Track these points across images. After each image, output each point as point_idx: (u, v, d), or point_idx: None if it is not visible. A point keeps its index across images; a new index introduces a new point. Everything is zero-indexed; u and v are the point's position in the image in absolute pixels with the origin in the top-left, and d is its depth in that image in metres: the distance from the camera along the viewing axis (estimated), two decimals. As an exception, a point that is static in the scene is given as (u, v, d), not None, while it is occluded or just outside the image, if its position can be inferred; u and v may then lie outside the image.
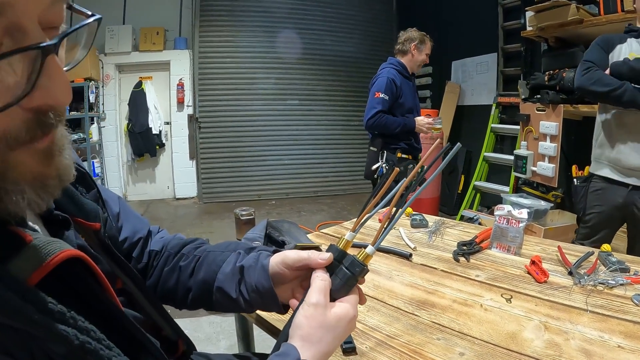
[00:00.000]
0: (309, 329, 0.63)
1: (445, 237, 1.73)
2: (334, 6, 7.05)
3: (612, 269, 1.30)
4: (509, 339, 0.96)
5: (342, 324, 0.65)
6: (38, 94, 0.40)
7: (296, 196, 7.04)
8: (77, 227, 0.61)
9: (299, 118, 7.10)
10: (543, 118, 3.72)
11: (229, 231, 4.98)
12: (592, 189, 2.37)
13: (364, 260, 0.69)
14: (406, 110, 3.25)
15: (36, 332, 0.41)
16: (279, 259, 0.74)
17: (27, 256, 0.46)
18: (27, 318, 0.41)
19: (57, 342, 0.43)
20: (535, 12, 3.84)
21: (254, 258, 0.77)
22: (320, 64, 7.09)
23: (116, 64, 6.55)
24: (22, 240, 0.47)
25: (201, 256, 0.83)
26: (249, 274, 0.75)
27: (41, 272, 0.45)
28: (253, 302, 0.76)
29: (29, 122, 0.41)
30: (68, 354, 0.43)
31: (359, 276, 0.69)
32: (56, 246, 0.48)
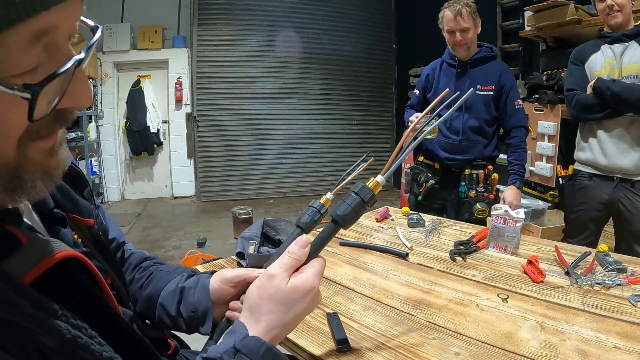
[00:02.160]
0: (258, 299, 0.62)
1: (442, 237, 1.73)
2: (332, 5, 7.04)
3: (609, 269, 1.30)
4: (505, 339, 0.95)
5: (297, 295, 0.62)
6: (66, 99, 0.45)
7: (294, 195, 7.03)
8: (71, 223, 0.64)
9: (297, 117, 7.10)
10: (541, 118, 3.72)
11: (227, 230, 4.98)
12: (578, 187, 2.39)
13: (373, 188, 0.68)
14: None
15: (29, 325, 0.43)
16: (218, 277, 0.80)
17: (22, 256, 0.48)
18: (20, 311, 0.42)
19: (49, 335, 0.44)
20: (533, 12, 3.84)
21: (194, 280, 0.83)
22: (318, 63, 7.08)
23: (114, 62, 6.53)
24: (18, 240, 0.49)
25: (153, 273, 0.88)
26: (189, 294, 0.80)
27: (36, 271, 0.47)
28: (192, 321, 0.79)
29: (51, 119, 0.45)
30: (59, 347, 0.44)
31: (368, 203, 0.68)
32: (53, 246, 0.51)
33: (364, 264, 1.46)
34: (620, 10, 2.12)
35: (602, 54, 2.22)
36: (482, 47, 2.56)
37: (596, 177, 2.29)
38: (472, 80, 2.49)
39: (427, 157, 2.69)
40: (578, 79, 2.30)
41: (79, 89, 0.46)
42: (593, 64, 2.25)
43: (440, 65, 2.65)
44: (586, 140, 2.33)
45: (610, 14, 2.15)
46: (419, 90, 2.74)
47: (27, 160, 0.46)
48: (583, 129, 2.37)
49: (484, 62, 2.52)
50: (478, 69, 2.51)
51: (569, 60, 2.39)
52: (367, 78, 7.23)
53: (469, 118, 2.52)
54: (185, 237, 4.94)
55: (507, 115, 2.54)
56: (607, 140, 2.20)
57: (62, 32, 0.43)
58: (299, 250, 0.65)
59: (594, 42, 2.30)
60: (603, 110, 2.15)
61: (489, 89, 2.50)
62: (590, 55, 2.27)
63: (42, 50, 0.41)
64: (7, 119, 0.41)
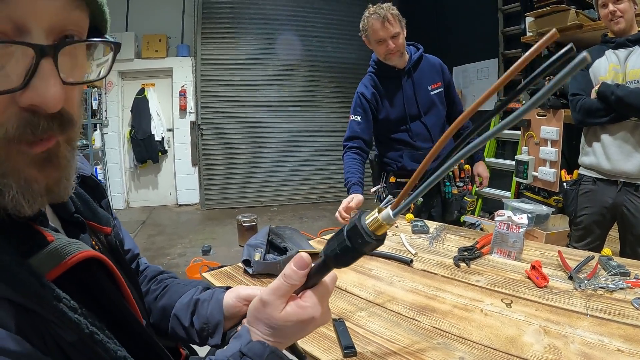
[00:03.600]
0: (254, 319, 0.61)
1: (447, 243, 1.74)
2: (334, 13, 7.09)
3: (612, 273, 1.31)
4: (509, 344, 0.97)
5: (292, 324, 0.59)
6: (29, 93, 0.42)
7: (298, 202, 7.05)
8: (89, 230, 0.65)
9: (300, 124, 7.13)
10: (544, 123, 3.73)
11: (232, 237, 4.99)
12: (582, 191, 2.41)
13: (375, 230, 0.52)
14: (394, 123, 2.44)
15: (51, 317, 0.44)
16: (233, 293, 0.80)
17: (47, 253, 0.49)
18: (44, 303, 0.44)
19: (68, 329, 0.45)
20: (535, 18, 3.86)
21: (209, 293, 0.83)
22: (321, 70, 7.12)
23: (119, 71, 6.60)
24: (44, 239, 0.50)
25: (168, 285, 0.89)
26: (203, 306, 0.80)
27: (59, 269, 0.49)
28: (203, 333, 0.80)
29: (20, 119, 0.42)
30: (77, 341, 0.46)
31: (362, 248, 0.54)
32: (76, 247, 0.52)
33: (369, 270, 1.47)
34: (623, 16, 2.14)
35: (607, 59, 2.24)
36: (409, 47, 2.45)
37: (600, 182, 2.30)
38: (420, 84, 2.41)
39: (400, 175, 2.50)
40: (582, 84, 2.31)
41: (44, 84, 0.42)
42: (597, 69, 2.27)
43: (376, 82, 2.46)
44: (590, 144, 2.34)
45: (613, 20, 2.17)
46: (359, 115, 2.40)
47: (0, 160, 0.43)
48: (587, 133, 2.38)
49: (419, 62, 2.44)
50: (419, 71, 2.42)
51: None
52: (370, 84, 7.26)
53: (431, 121, 2.44)
54: (190, 244, 4.95)
55: (455, 104, 2.56)
56: (611, 144, 2.21)
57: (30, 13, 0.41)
58: (295, 274, 0.59)
59: (598, 47, 2.32)
60: (607, 115, 2.16)
61: (437, 86, 2.45)
62: (595, 60, 2.28)
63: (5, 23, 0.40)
64: None
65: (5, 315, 0.42)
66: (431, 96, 2.43)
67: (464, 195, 2.50)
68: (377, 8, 2.23)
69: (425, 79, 2.43)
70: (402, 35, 2.27)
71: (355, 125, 2.40)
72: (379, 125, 2.44)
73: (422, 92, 2.40)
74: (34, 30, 0.41)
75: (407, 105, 2.40)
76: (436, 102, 2.45)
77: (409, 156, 2.44)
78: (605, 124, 2.21)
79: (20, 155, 0.44)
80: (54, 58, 0.43)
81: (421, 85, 2.41)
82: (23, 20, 0.40)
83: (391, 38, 2.24)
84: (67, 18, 0.45)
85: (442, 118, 2.49)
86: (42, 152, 0.46)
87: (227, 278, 1.45)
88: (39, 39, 0.42)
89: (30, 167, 0.45)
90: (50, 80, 0.43)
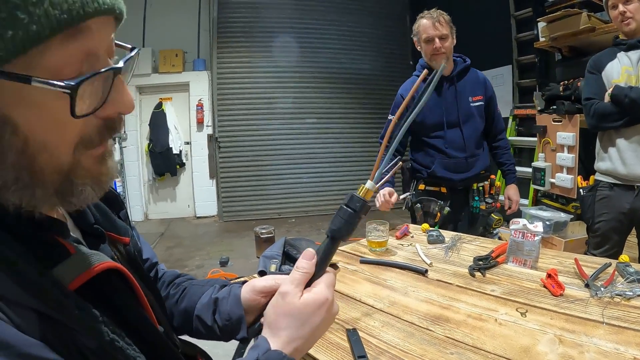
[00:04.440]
0: (274, 316, 0.65)
1: (462, 253, 1.74)
2: (348, 24, 7.14)
3: (630, 280, 1.30)
4: (523, 353, 0.97)
5: (311, 309, 0.65)
6: (109, 106, 0.51)
7: (316, 214, 7.06)
8: (108, 241, 0.68)
9: (317, 136, 7.16)
10: (560, 129, 3.70)
11: (249, 249, 5.02)
12: (599, 197, 2.37)
13: (364, 195, 0.68)
14: (430, 128, 2.43)
15: (73, 325, 0.47)
16: (248, 287, 0.82)
17: (70, 264, 0.52)
18: (67, 312, 0.47)
19: (90, 336, 0.49)
20: (547, 23, 3.85)
21: (227, 290, 0.85)
22: (336, 82, 7.16)
23: (136, 86, 6.72)
24: (66, 251, 0.54)
25: (186, 287, 0.91)
26: (222, 304, 0.83)
27: (81, 279, 0.52)
28: (227, 329, 0.82)
29: (100, 127, 0.52)
30: (98, 348, 0.49)
31: (361, 212, 0.68)
32: (96, 258, 0.56)
33: (383, 281, 1.48)
34: (633, 17, 2.13)
35: (619, 61, 2.22)
36: (456, 58, 2.48)
37: (617, 187, 2.27)
38: (462, 94, 2.43)
39: (430, 183, 2.51)
40: (595, 88, 2.29)
41: (119, 95, 0.52)
42: (610, 72, 2.25)
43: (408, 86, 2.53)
44: (605, 149, 2.31)
45: (624, 21, 2.16)
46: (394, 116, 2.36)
47: (79, 167, 0.51)
48: (602, 138, 2.35)
49: (465, 73, 2.47)
50: (463, 81, 2.46)
51: (586, 70, 2.39)
52: (385, 95, 7.22)
53: (467, 132, 2.45)
54: (207, 256, 4.99)
55: (495, 121, 2.57)
56: (626, 148, 2.18)
57: (99, 44, 0.49)
58: (307, 264, 0.67)
59: (610, 50, 2.30)
60: (622, 118, 2.14)
61: (478, 99, 2.47)
62: (607, 63, 2.27)
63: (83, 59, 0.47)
64: (61, 123, 0.47)
65: (30, 323, 0.44)
66: (471, 107, 2.44)
67: (491, 212, 2.49)
68: (431, 11, 2.33)
69: (468, 89, 2.45)
70: (451, 40, 2.33)
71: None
72: (415, 128, 2.45)
73: (463, 101, 2.41)
74: (101, 56, 0.50)
75: (446, 112, 2.41)
76: (475, 114, 2.46)
77: (441, 163, 2.44)
78: (620, 128, 2.18)
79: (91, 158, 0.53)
80: (122, 74, 0.53)
81: (463, 95, 2.43)
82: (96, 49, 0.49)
83: (439, 38, 2.29)
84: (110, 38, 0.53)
85: (478, 131, 2.49)
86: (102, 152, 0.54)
87: (243, 290, 1.46)
88: (104, 62, 0.50)
89: (98, 165, 0.54)
90: (124, 90, 0.53)
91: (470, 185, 2.49)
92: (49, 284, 0.47)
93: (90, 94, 0.48)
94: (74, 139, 0.49)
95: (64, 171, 0.50)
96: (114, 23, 0.52)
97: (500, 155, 2.63)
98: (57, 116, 0.46)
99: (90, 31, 0.46)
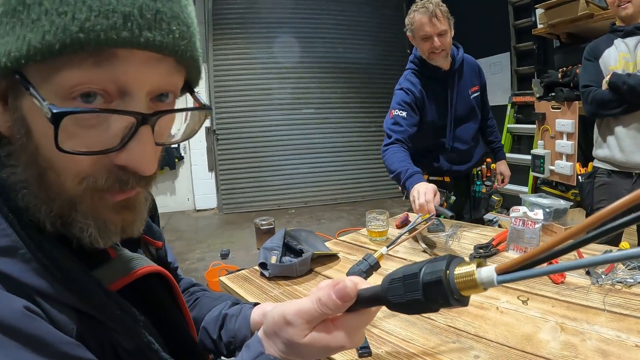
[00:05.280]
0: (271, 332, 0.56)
1: (462, 241, 1.74)
2: (345, 14, 7.09)
3: (631, 267, 1.29)
4: (525, 341, 0.97)
5: (315, 350, 0.53)
6: (124, 155, 0.45)
7: (315, 204, 7.06)
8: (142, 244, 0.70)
9: (315, 126, 7.13)
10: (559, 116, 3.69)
11: (250, 241, 5.02)
12: (597, 184, 2.38)
13: (463, 288, 0.42)
14: (438, 127, 2.30)
15: (113, 325, 0.49)
16: (259, 310, 0.82)
17: (111, 267, 0.54)
18: (109, 312, 0.48)
19: (128, 337, 0.49)
20: (545, 9, 3.83)
21: (237, 309, 0.85)
22: (334, 71, 7.12)
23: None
24: (107, 255, 0.55)
25: (199, 298, 0.93)
26: (231, 321, 0.83)
27: (123, 281, 0.53)
28: (230, 346, 0.82)
29: (110, 174, 0.46)
30: (135, 349, 0.50)
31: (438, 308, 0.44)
32: (139, 262, 0.57)
33: (384, 270, 1.47)
34: (630, 1, 2.11)
35: (616, 48, 2.21)
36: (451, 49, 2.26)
37: (615, 174, 2.27)
38: (462, 88, 2.31)
39: (433, 173, 2.38)
40: (593, 75, 2.28)
41: (140, 148, 0.45)
42: (607, 59, 2.24)
43: (421, 80, 2.26)
44: (604, 137, 2.31)
45: (621, 5, 2.15)
46: (405, 110, 2.18)
47: (84, 203, 0.47)
48: (600, 125, 2.35)
49: (462, 63, 2.30)
50: (463, 74, 2.32)
51: (583, 57, 2.38)
52: (383, 84, 7.20)
53: (470, 126, 2.37)
54: (208, 249, 5.00)
55: (485, 104, 2.52)
56: (624, 136, 2.18)
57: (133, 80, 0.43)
58: (332, 304, 0.51)
59: (606, 37, 2.29)
60: (620, 106, 2.13)
61: (476, 89, 2.38)
62: (604, 50, 2.25)
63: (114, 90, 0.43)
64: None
65: (70, 322, 0.45)
66: (471, 100, 2.35)
67: (491, 194, 2.49)
68: (426, 2, 2.06)
69: (467, 82, 2.33)
70: (450, 35, 2.12)
71: (401, 120, 2.16)
72: (424, 127, 2.25)
73: (465, 96, 2.33)
74: (136, 94, 0.44)
75: (452, 110, 2.28)
76: (475, 107, 2.38)
77: (446, 158, 2.35)
78: (618, 115, 2.18)
79: (103, 201, 0.48)
80: (152, 125, 0.46)
81: (464, 89, 2.32)
82: (128, 85, 0.43)
83: (438, 35, 2.07)
84: (167, 82, 0.47)
85: (479, 121, 2.43)
86: (122, 200, 0.49)
87: (244, 281, 1.46)
88: (139, 103, 0.44)
89: (109, 211, 0.49)
90: (148, 146, 0.46)
91: (470, 172, 2.48)
92: (92, 283, 0.47)
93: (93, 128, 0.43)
94: (76, 172, 0.45)
95: (67, 199, 0.46)
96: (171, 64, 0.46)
97: (489, 133, 2.61)
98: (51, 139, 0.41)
99: (118, 61, 0.41)
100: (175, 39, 0.44)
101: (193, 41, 0.48)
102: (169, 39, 0.43)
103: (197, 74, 0.53)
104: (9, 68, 0.40)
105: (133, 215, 0.52)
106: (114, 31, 0.39)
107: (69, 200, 0.46)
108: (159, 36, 0.42)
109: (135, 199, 0.51)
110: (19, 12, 0.39)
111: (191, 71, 0.51)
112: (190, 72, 0.51)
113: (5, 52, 0.40)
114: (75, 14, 0.38)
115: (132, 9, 0.40)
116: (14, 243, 0.43)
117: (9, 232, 0.43)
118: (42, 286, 0.43)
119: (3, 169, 0.47)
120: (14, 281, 0.42)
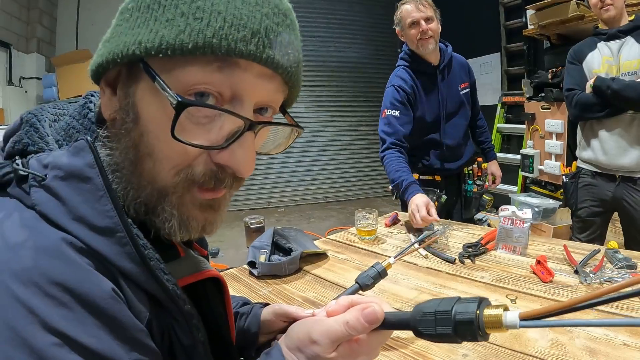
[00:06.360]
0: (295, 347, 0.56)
1: (452, 240, 1.74)
2: (336, 12, 7.07)
3: (619, 266, 1.30)
4: (513, 340, 0.96)
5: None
6: (226, 154, 0.48)
7: (305, 203, 7.04)
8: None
9: (305, 124, 6.85)
10: (548, 116, 3.72)
11: (239, 239, 4.99)
12: (581, 184, 2.39)
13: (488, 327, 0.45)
14: (429, 122, 2.29)
15: (180, 318, 0.51)
16: (270, 309, 0.83)
17: (181, 264, 0.57)
18: (179, 305, 0.50)
19: (188, 332, 0.51)
20: (536, 10, 3.85)
21: (248, 308, 0.87)
22: (324, 70, 7.10)
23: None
24: (178, 253, 0.58)
25: None
26: (241, 319, 0.84)
27: (190, 279, 0.57)
28: (239, 344, 0.81)
29: (208, 170, 0.49)
30: (190, 346, 0.52)
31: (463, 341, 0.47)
32: (204, 265, 0.61)
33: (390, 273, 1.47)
34: (613, 4, 2.11)
35: (599, 51, 2.21)
36: (440, 44, 2.28)
37: (599, 176, 2.28)
38: (452, 83, 2.34)
39: (423, 172, 2.38)
40: (577, 78, 2.29)
41: (242, 151, 0.48)
42: (590, 63, 2.24)
43: (412, 75, 2.26)
44: (587, 139, 2.31)
45: (603, 7, 2.14)
46: (398, 109, 2.19)
47: (175, 194, 0.49)
48: (584, 128, 2.35)
49: (451, 59, 2.34)
50: (452, 70, 2.35)
51: (567, 60, 2.38)
52: (374, 83, 7.20)
53: (460, 122, 2.40)
54: (198, 247, 4.95)
55: (475, 102, 2.54)
56: (607, 139, 2.18)
57: (244, 89, 0.47)
58: (361, 327, 0.53)
59: (590, 40, 2.29)
60: (603, 109, 2.13)
61: (465, 86, 2.40)
62: (587, 53, 2.26)
63: (228, 93, 0.47)
64: (167, 137, 0.45)
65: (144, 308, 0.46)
66: (461, 96, 2.37)
67: (482, 194, 2.50)
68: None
69: (457, 78, 2.36)
70: (436, 23, 2.16)
71: (394, 120, 2.18)
72: (415, 124, 2.25)
73: (454, 91, 2.36)
74: (246, 102, 0.48)
75: (442, 105, 2.30)
76: (464, 102, 2.40)
77: (437, 155, 2.35)
78: (601, 119, 2.19)
79: (192, 197, 0.50)
80: (255, 132, 0.50)
81: (453, 85, 2.35)
82: (241, 93, 0.48)
83: (425, 20, 2.11)
84: (272, 97, 0.52)
85: (468, 118, 2.46)
86: (209, 200, 0.52)
87: (232, 280, 1.45)
88: (247, 110, 0.48)
89: (195, 208, 0.51)
90: (249, 150, 0.49)
91: (462, 171, 2.48)
92: (169, 274, 0.49)
93: (202, 125, 0.47)
94: (176, 163, 0.48)
95: (158, 188, 0.49)
96: (279, 82, 0.51)
97: (479, 134, 2.63)
98: (165, 128, 0.45)
99: (239, 69, 0.46)
100: (289, 61, 0.50)
101: (300, 67, 0.54)
102: (285, 60, 0.49)
103: (296, 96, 0.58)
104: (137, 56, 0.45)
105: (215, 216, 0.54)
106: (243, 43, 0.44)
107: (160, 189, 0.49)
108: (277, 56, 0.48)
109: (221, 199, 0.53)
110: (153, 9, 0.45)
111: (292, 92, 0.56)
112: (292, 93, 0.56)
113: (135, 42, 0.44)
114: (210, 21, 0.43)
115: (259, 27, 0.46)
116: (115, 225, 0.45)
117: (112, 214, 0.45)
118: (131, 270, 0.45)
119: (101, 150, 0.50)
120: (106, 262, 0.44)
